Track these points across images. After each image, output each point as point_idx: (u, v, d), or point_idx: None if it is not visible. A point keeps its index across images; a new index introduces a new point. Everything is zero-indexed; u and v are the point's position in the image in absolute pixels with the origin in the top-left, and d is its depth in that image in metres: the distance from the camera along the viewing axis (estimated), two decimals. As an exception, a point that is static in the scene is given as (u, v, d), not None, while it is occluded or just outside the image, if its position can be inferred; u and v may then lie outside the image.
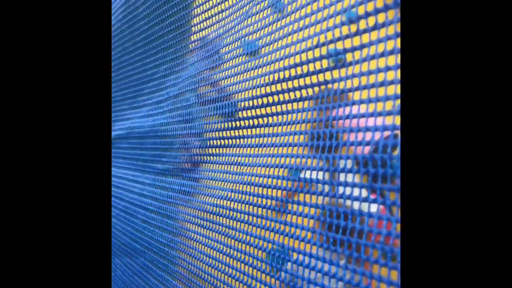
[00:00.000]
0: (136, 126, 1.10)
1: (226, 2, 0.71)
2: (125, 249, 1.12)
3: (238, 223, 0.63)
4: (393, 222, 0.37)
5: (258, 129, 0.60)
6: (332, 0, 0.44)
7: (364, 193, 0.40)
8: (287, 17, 0.51)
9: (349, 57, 0.40)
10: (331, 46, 0.43)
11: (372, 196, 0.39)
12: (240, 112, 0.64)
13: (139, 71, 1.08)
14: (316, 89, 0.46)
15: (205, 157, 0.78)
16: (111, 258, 1.23)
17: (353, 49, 0.39)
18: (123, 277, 1.12)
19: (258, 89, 0.57)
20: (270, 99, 0.55)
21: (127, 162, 1.16)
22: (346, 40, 0.40)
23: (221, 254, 0.68)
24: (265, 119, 0.58)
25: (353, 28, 0.39)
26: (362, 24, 0.38)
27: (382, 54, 0.36)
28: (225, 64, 0.69)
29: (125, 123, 1.16)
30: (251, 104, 0.60)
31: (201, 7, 0.79)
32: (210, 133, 0.75)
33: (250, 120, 0.62)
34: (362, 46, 0.38)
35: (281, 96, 0.54)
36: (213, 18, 0.75)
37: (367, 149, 0.39)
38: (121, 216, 1.16)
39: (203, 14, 0.78)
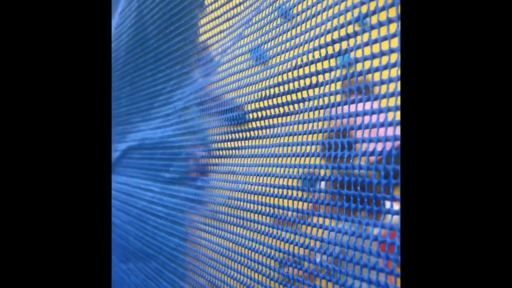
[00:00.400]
0: (147, 138, 1.09)
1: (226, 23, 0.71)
2: (139, 254, 1.11)
3: (244, 229, 0.62)
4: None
5: (267, 139, 0.58)
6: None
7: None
8: (296, 27, 0.49)
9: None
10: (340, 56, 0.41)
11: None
12: (247, 123, 0.62)
13: (151, 85, 1.08)
14: (326, 99, 0.44)
15: (210, 166, 0.77)
16: (114, 263, 1.23)
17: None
18: (137, 281, 1.11)
19: (266, 101, 0.55)
20: (282, 110, 0.53)
21: (140, 172, 1.16)
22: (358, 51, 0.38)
23: (223, 257, 0.67)
24: (276, 129, 0.55)
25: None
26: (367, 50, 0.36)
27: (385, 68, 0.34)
28: (228, 78, 0.67)
29: (138, 135, 1.16)
30: (259, 116, 0.58)
31: (205, 26, 0.79)
32: (215, 144, 0.73)
33: (258, 131, 0.60)
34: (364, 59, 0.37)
35: (291, 106, 0.51)
36: (216, 36, 0.76)
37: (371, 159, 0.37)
38: (134, 223, 1.16)
39: (206, 34, 0.79)
